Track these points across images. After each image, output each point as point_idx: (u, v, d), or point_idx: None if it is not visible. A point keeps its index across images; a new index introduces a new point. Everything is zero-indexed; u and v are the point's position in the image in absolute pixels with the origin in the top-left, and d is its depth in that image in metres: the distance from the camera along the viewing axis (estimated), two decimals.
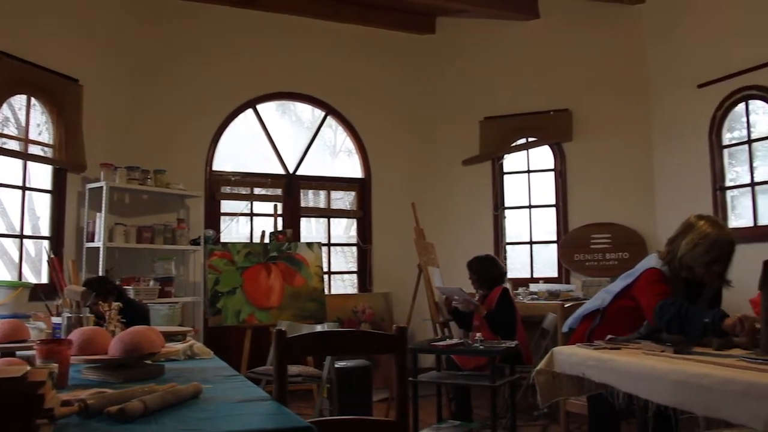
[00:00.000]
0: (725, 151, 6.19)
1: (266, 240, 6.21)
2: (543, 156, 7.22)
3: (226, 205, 6.85)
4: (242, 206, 6.90)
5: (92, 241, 5.65)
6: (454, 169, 7.37)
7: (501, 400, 5.13)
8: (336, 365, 5.13)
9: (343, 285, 7.41)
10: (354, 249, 7.39)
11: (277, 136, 7.10)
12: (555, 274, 6.96)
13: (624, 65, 6.91)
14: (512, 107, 7.17)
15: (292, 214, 7.03)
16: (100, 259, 5.47)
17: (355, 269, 7.36)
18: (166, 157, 6.23)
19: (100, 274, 5.37)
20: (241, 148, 7.07)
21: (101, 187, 5.57)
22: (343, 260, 7.51)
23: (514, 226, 7.25)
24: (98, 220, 5.62)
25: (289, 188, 7.04)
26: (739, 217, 6.12)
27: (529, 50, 7.23)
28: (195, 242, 6.18)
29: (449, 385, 4.98)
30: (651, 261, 3.13)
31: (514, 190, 7.27)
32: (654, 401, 2.43)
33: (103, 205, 5.53)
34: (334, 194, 7.38)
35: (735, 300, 3.93)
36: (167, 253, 6.05)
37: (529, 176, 7.25)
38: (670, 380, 2.31)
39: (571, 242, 6.82)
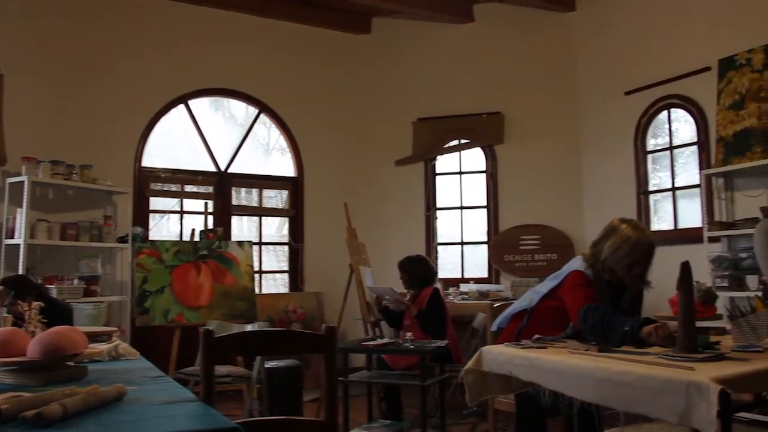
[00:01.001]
0: (649, 157, 6.43)
1: (196, 238, 6.11)
2: (475, 158, 7.32)
3: (156, 202, 6.70)
4: (172, 203, 6.76)
5: (12, 237, 5.45)
6: (387, 169, 7.41)
7: (431, 399, 5.17)
8: (266, 365, 5.08)
9: (275, 284, 7.35)
10: (286, 248, 7.34)
11: (209, 133, 6.99)
12: (485, 275, 7.07)
13: (555, 70, 7.08)
14: (445, 109, 7.26)
15: (223, 212, 6.93)
16: (21, 257, 5.28)
17: (286, 268, 7.31)
18: (94, 152, 6.04)
19: (20, 272, 5.18)
20: (172, 144, 6.92)
21: (22, 182, 5.38)
22: (275, 259, 7.45)
23: (446, 226, 7.34)
24: (19, 215, 5.42)
25: (220, 186, 6.94)
26: (661, 221, 6.35)
27: (463, 53, 7.32)
28: (122, 240, 6.02)
29: (380, 384, 5.00)
30: (576, 263, 3.21)
31: (445, 191, 7.36)
32: (578, 398, 2.50)
33: (25, 200, 5.33)
34: (267, 193, 7.32)
35: (656, 300, 4.08)
36: (93, 251, 5.88)
37: (461, 177, 7.35)
38: (593, 378, 2.38)
39: (501, 243, 6.94)
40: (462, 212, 7.33)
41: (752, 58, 5.47)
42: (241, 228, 7.30)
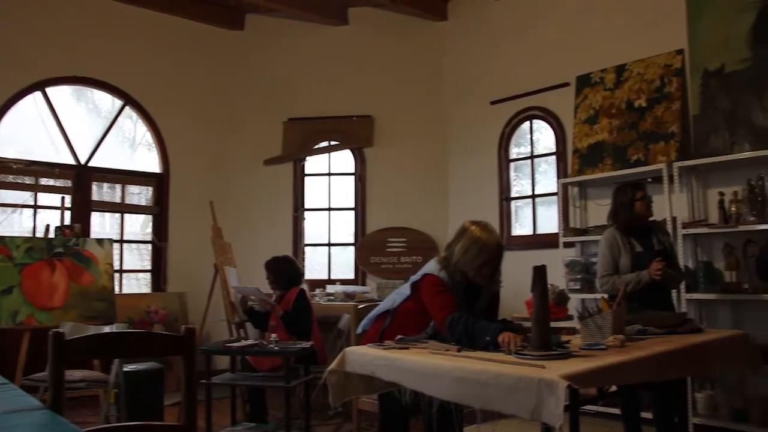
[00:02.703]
0: (512, 165, 6.72)
1: (51, 235, 5.76)
2: (344, 160, 7.37)
3: (6, 195, 6.25)
4: (25, 197, 6.34)
5: None
6: (256, 168, 7.31)
7: (296, 400, 5.16)
8: (125, 369, 4.87)
9: (137, 284, 7.06)
10: (149, 246, 7.08)
11: (69, 124, 6.60)
12: (352, 276, 7.14)
13: (425, 77, 7.27)
14: (316, 110, 7.26)
15: (82, 207, 6.59)
16: None
17: (149, 268, 7.05)
18: None
19: None
20: (27, 133, 6.49)
21: None
22: (138, 258, 7.16)
23: (314, 227, 7.34)
24: None
25: (79, 180, 6.59)
26: (522, 226, 6.65)
27: (336, 55, 7.35)
28: None
29: (244, 386, 4.93)
30: (430, 266, 3.28)
31: (314, 192, 7.36)
32: (438, 397, 2.57)
33: None
34: (131, 189, 7.01)
35: (515, 301, 4.27)
36: None
37: (330, 179, 7.38)
38: (451, 377, 2.46)
39: (368, 245, 7.03)
40: (330, 213, 7.36)
41: (605, 77, 5.84)
42: (103, 225, 6.96)
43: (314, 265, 7.36)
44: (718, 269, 4.92)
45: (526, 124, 6.61)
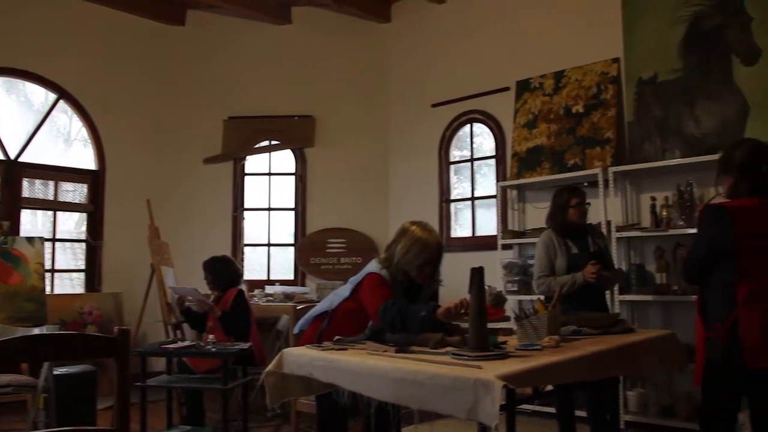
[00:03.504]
0: (452, 167, 6.79)
1: None
2: (285, 159, 7.32)
3: None
4: None
5: None
6: (195, 167, 7.20)
7: (234, 402, 5.10)
8: (56, 372, 4.73)
9: (71, 284, 6.85)
10: (83, 245, 6.89)
11: None
12: (291, 277, 7.10)
13: (368, 78, 7.28)
14: (258, 109, 7.19)
15: (12, 204, 6.36)
16: None
17: (83, 267, 6.86)
18: None
19: None
20: None
21: None
22: (71, 257, 6.95)
23: (253, 227, 7.26)
24: None
25: (8, 176, 6.36)
26: (462, 228, 6.73)
27: (278, 54, 7.30)
28: None
29: (180, 388, 4.84)
30: (372, 266, 3.30)
31: (254, 191, 7.29)
32: (375, 398, 2.58)
33: None
34: (65, 185, 6.80)
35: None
36: None
37: (270, 179, 7.32)
38: (389, 378, 2.46)
39: (307, 246, 7.00)
40: (270, 213, 7.30)
41: (544, 83, 5.96)
42: (35, 223, 6.73)
43: (253, 266, 7.28)
44: (649, 271, 5.08)
45: (467, 127, 6.69)
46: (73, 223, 7.01)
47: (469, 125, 6.67)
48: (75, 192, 6.89)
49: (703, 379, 2.95)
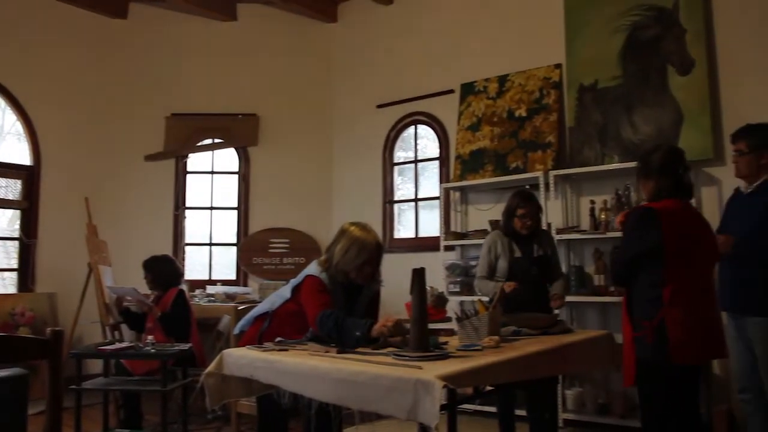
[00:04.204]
0: (396, 168, 6.81)
1: None
2: (228, 158, 7.24)
3: None
4: None
5: None
6: (136, 164, 7.04)
7: (173, 404, 5.02)
8: None
9: (3, 284, 6.63)
10: (16, 243, 6.66)
11: None
12: (233, 277, 7.01)
13: (313, 78, 7.25)
14: (201, 106, 7.09)
15: None
16: None
17: (16, 266, 6.64)
18: None
19: None
20: None
21: None
22: (4, 256, 6.72)
23: (195, 226, 7.15)
24: None
25: None
26: (405, 229, 6.76)
27: (223, 51, 7.20)
28: None
29: (117, 391, 4.74)
30: (311, 268, 3.29)
31: (196, 190, 7.18)
32: (316, 399, 2.57)
33: None
34: None
35: (396, 303, 4.32)
36: None
37: (213, 177, 7.22)
38: (330, 378, 2.45)
39: (250, 245, 6.93)
40: (212, 213, 7.20)
41: (488, 86, 6.03)
42: None
43: (195, 266, 7.17)
44: (588, 273, 5.19)
45: (412, 128, 6.73)
46: (5, 221, 6.78)
47: (413, 127, 6.71)
48: (8, 188, 6.66)
49: (637, 378, 3.02)
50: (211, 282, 6.69)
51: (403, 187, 6.87)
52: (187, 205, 7.12)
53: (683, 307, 2.90)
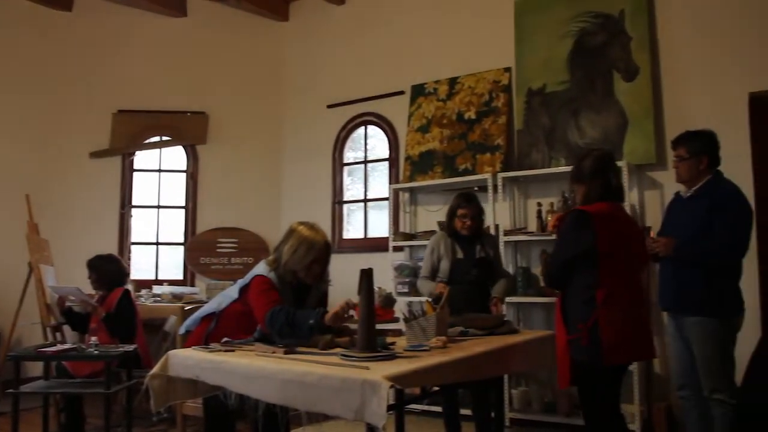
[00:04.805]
0: (345, 169, 6.81)
1: None
2: (176, 156, 7.13)
3: None
4: None
5: None
6: (81, 161, 6.86)
7: (117, 407, 4.93)
8: None
9: None
10: None
11: None
12: (180, 277, 6.91)
13: (264, 77, 7.20)
14: (149, 103, 6.96)
15: None
16: None
17: None
18: None
19: None
20: None
21: None
22: None
23: (142, 225, 7.02)
24: None
25: None
26: (354, 229, 6.76)
27: (172, 48, 7.09)
28: None
29: (58, 394, 4.62)
30: (260, 268, 3.28)
31: (143, 188, 7.05)
32: (263, 400, 2.55)
33: None
34: None
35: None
36: None
37: (160, 176, 7.10)
38: (277, 379, 2.45)
39: (198, 245, 6.84)
40: (159, 211, 7.08)
41: (438, 88, 6.08)
42: None
43: (141, 265, 7.03)
44: (534, 274, 5.27)
45: (362, 129, 6.73)
46: None
47: (363, 127, 6.72)
48: None
49: (576, 380, 3.05)
50: (158, 282, 6.58)
51: (352, 188, 6.87)
52: (134, 203, 6.98)
53: (615, 309, 2.95)
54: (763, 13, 4.73)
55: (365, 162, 6.72)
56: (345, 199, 6.79)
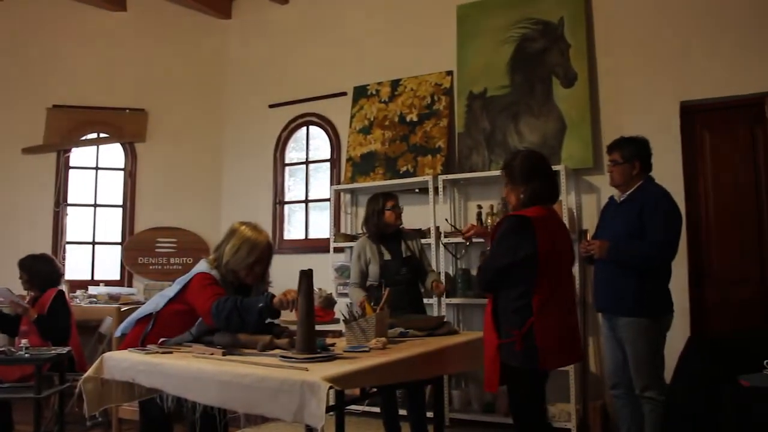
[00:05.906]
0: (287, 169, 6.78)
1: None
2: (114, 154, 6.97)
3: None
4: None
5: None
6: (13, 157, 6.64)
7: (49, 412, 4.80)
8: None
9: None
10: None
11: None
12: (117, 277, 6.77)
13: (205, 74, 7.11)
14: (86, 99, 6.79)
15: None
16: None
17: None
18: None
19: None
20: None
21: None
22: None
23: (77, 224, 6.84)
24: None
25: None
26: (295, 230, 6.73)
27: (110, 42, 6.93)
28: None
29: None
30: (201, 266, 3.24)
31: (79, 186, 6.87)
32: (201, 402, 2.53)
33: None
34: None
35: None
36: None
37: (97, 173, 6.94)
38: (215, 381, 2.42)
39: (135, 245, 6.72)
40: (96, 210, 6.91)
41: (381, 90, 6.11)
42: None
43: (76, 265, 6.85)
44: (474, 276, 5.33)
45: (304, 129, 6.71)
46: None
47: (305, 128, 6.70)
48: None
49: (506, 383, 3.04)
50: (94, 282, 6.43)
51: (294, 188, 6.83)
52: (69, 201, 6.80)
53: (551, 316, 2.92)
54: (695, 28, 4.91)
55: (307, 162, 6.70)
56: (286, 199, 6.76)
